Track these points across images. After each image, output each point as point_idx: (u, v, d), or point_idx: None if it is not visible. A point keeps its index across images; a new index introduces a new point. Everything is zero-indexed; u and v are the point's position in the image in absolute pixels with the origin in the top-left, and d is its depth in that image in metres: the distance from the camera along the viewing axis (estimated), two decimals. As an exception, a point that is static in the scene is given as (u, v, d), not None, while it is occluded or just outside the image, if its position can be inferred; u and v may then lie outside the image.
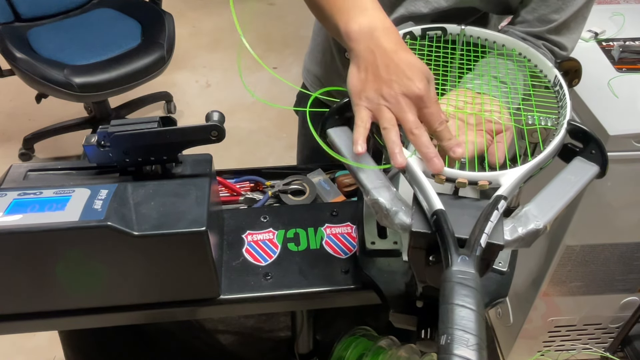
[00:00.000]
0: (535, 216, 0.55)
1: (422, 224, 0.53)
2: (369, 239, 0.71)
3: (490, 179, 0.55)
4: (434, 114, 0.57)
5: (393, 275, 0.67)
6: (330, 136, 0.64)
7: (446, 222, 0.51)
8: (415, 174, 0.56)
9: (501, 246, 0.51)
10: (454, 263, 0.48)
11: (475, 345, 0.42)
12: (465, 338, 0.43)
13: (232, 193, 0.90)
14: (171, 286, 0.70)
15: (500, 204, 0.52)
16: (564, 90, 0.67)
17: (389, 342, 0.96)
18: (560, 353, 1.61)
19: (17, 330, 0.73)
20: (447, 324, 0.44)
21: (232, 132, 2.38)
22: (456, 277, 0.47)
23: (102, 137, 0.68)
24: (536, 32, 0.81)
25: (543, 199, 0.57)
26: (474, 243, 0.49)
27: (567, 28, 0.81)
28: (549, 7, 0.79)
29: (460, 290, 0.46)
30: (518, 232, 0.53)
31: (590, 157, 0.61)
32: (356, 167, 0.59)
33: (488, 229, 0.50)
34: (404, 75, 0.57)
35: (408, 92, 0.57)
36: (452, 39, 0.76)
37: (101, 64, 1.93)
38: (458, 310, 0.45)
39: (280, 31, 3.10)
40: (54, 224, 0.62)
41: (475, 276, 0.47)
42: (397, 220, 0.55)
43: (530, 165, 0.57)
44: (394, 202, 0.56)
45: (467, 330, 0.43)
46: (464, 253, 0.49)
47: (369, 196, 0.57)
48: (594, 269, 1.36)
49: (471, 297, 0.45)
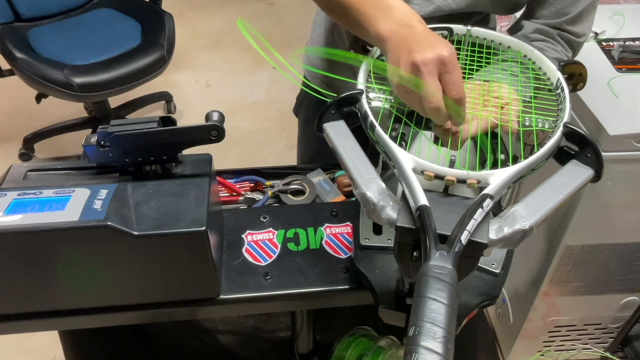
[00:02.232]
0: (523, 216, 0.54)
1: (408, 220, 0.53)
2: (363, 235, 0.72)
3: (478, 177, 0.55)
4: (455, 80, 0.59)
5: (385, 272, 0.68)
6: (326, 130, 0.64)
7: (429, 217, 0.51)
8: (404, 170, 0.56)
9: (485, 244, 0.52)
10: (432, 258, 0.49)
11: (442, 337, 0.43)
12: (433, 330, 0.43)
13: (232, 193, 0.90)
14: (171, 286, 0.70)
15: (485, 203, 0.53)
16: (565, 93, 0.66)
17: (389, 342, 0.96)
18: (560, 353, 1.61)
19: (17, 330, 0.73)
20: (417, 316, 0.45)
21: (232, 132, 2.38)
22: (432, 271, 0.48)
23: (102, 137, 0.68)
24: (553, 24, 0.85)
25: (532, 200, 0.57)
26: (455, 239, 0.50)
27: (581, 18, 0.85)
28: (565, 1, 0.84)
29: (434, 284, 0.47)
30: (504, 231, 0.53)
31: (586, 161, 0.61)
32: (348, 161, 0.60)
33: (470, 226, 0.51)
34: (429, 44, 0.60)
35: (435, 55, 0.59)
36: (458, 40, 0.76)
37: (101, 64, 1.93)
38: (429, 303, 0.45)
39: (280, 31, 3.10)
40: (54, 224, 0.62)
41: (452, 272, 0.48)
42: (384, 215, 0.55)
43: (521, 166, 0.57)
44: (382, 197, 0.56)
45: (435, 323, 0.44)
46: (442, 249, 0.49)
47: (358, 189, 0.57)
48: (594, 269, 1.36)
49: (444, 292, 0.46)
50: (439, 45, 0.59)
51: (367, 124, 0.62)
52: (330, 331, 1.03)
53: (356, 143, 0.62)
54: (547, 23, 0.85)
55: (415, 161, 0.57)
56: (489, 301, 0.67)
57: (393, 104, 0.66)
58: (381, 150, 0.61)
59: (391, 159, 0.59)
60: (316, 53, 0.60)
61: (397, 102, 0.66)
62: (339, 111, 0.65)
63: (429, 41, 0.60)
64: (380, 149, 0.61)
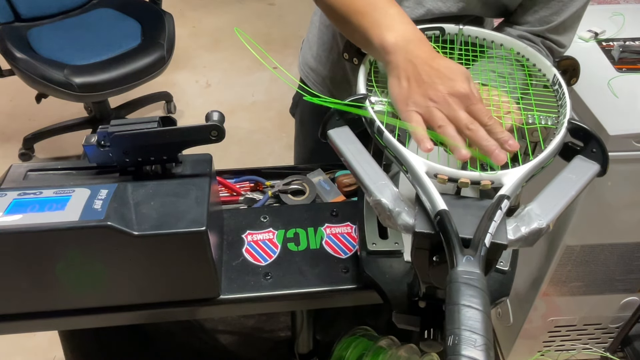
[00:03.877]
0: (538, 215, 0.54)
1: (426, 225, 0.53)
2: (370, 240, 0.71)
3: (492, 178, 0.55)
4: (481, 109, 0.58)
5: (395, 276, 0.67)
6: (331, 137, 0.64)
7: (450, 222, 0.50)
8: (418, 174, 0.55)
9: (505, 246, 0.51)
10: (460, 263, 0.48)
11: (483, 345, 0.42)
12: (473, 338, 0.43)
13: (232, 193, 0.90)
14: (171, 286, 0.70)
15: (503, 204, 0.52)
16: (563, 89, 0.66)
17: (389, 342, 0.96)
18: (560, 353, 1.61)
19: (17, 330, 0.73)
20: (454, 325, 0.44)
21: (232, 132, 2.38)
22: (462, 277, 0.47)
23: (102, 137, 0.68)
24: (536, 31, 0.84)
25: (545, 198, 0.57)
26: (479, 243, 0.49)
27: (564, 28, 0.85)
28: (549, 9, 0.82)
29: (466, 290, 0.46)
30: (521, 231, 0.53)
31: (591, 156, 0.61)
32: (359, 168, 0.59)
33: (492, 228, 0.50)
34: (446, 77, 0.59)
35: (453, 91, 0.58)
36: (450, 39, 0.76)
37: (101, 64, 1.93)
38: (465, 310, 0.44)
39: (280, 31, 3.10)
40: (54, 224, 0.62)
41: (481, 276, 0.47)
42: (400, 221, 0.55)
43: (532, 164, 0.57)
44: (397, 203, 0.55)
45: (474, 331, 0.43)
46: (468, 253, 0.48)
47: (372, 197, 0.57)
48: (594, 269, 1.36)
49: (477, 298, 0.45)
50: (454, 79, 0.59)
51: (374, 129, 0.61)
52: (330, 331, 1.03)
53: (363, 148, 0.62)
54: (530, 30, 0.84)
55: (428, 165, 0.56)
56: (501, 299, 0.66)
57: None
58: (391, 155, 0.59)
59: (403, 163, 0.58)
60: (314, 101, 0.60)
61: None
62: (343, 117, 0.64)
63: (439, 72, 0.60)
64: (390, 154, 0.60)
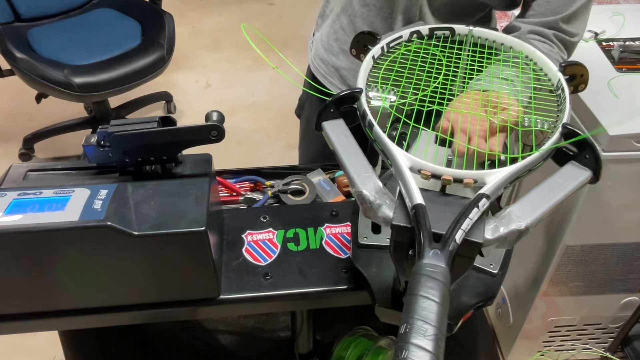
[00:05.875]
0: (519, 217, 0.54)
1: (403, 218, 0.54)
2: (362, 233, 0.73)
3: (475, 177, 0.55)
4: None
5: (382, 271, 0.68)
6: (324, 128, 0.64)
7: (424, 216, 0.51)
8: (400, 168, 0.56)
9: (480, 244, 0.52)
10: (425, 256, 0.49)
11: (433, 335, 0.43)
12: (424, 328, 0.43)
13: (232, 193, 0.90)
14: (171, 286, 0.70)
15: (481, 202, 0.53)
16: (566, 94, 0.66)
17: (389, 342, 0.96)
18: (560, 353, 1.61)
19: (17, 330, 0.73)
20: (408, 314, 0.45)
21: (232, 132, 2.38)
22: (425, 269, 0.48)
23: (102, 137, 0.68)
24: (549, 23, 0.86)
25: (528, 201, 0.57)
26: (449, 238, 0.50)
27: (575, 17, 0.87)
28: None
29: (426, 282, 0.47)
30: (500, 231, 0.53)
31: (584, 162, 0.61)
32: (345, 159, 0.60)
33: (465, 225, 0.51)
34: None
35: None
36: (460, 40, 0.76)
37: (101, 64, 1.93)
38: (421, 301, 0.45)
39: (280, 31, 3.10)
40: (54, 224, 0.62)
41: (445, 270, 0.48)
42: (380, 214, 0.56)
43: (518, 166, 0.57)
44: (379, 195, 0.56)
45: (426, 321, 0.44)
46: (436, 247, 0.49)
47: (354, 188, 0.58)
48: (594, 269, 1.36)
49: (436, 290, 0.46)
50: None
51: (365, 123, 0.62)
52: (330, 331, 1.03)
53: (354, 142, 0.63)
54: (542, 22, 0.86)
55: (412, 160, 0.57)
56: (485, 302, 0.67)
57: (393, 104, 0.66)
58: (379, 149, 0.61)
59: (388, 157, 0.59)
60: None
61: (398, 102, 0.66)
62: (338, 109, 0.65)
63: None
64: (377, 148, 0.61)
